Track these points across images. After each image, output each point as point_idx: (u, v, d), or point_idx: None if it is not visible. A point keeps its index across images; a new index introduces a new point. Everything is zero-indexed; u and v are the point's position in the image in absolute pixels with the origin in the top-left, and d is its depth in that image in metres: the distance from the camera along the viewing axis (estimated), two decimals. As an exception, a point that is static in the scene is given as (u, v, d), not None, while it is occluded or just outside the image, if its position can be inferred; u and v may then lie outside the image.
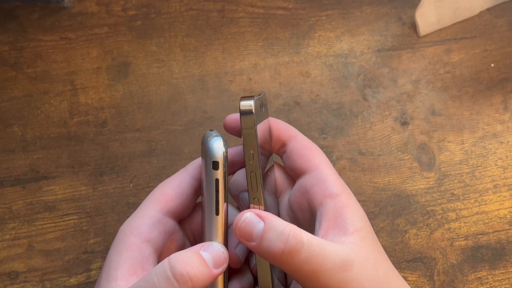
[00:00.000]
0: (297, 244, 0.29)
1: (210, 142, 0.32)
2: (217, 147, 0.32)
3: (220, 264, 0.30)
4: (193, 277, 0.28)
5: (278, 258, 0.29)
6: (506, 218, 0.48)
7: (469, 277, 0.46)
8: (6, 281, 0.44)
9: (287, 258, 0.29)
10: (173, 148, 0.49)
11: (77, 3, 0.53)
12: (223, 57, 0.52)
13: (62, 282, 0.44)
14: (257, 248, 0.29)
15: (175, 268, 0.28)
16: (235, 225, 0.30)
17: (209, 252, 0.30)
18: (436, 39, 0.54)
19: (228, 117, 0.36)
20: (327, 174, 0.34)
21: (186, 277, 0.27)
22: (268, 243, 0.29)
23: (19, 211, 0.46)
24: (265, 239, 0.29)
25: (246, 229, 0.30)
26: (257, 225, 0.30)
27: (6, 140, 0.48)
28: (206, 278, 0.29)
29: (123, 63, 0.51)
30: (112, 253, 0.33)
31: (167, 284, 0.27)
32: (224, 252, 0.30)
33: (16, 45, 0.51)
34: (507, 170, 0.50)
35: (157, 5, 0.53)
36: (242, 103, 0.32)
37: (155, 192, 0.35)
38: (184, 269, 0.28)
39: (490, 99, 0.52)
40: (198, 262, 0.29)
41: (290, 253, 0.29)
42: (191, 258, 0.29)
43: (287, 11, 0.54)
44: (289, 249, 0.29)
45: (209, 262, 0.29)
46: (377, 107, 0.51)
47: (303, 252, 0.29)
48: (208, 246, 0.30)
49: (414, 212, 0.48)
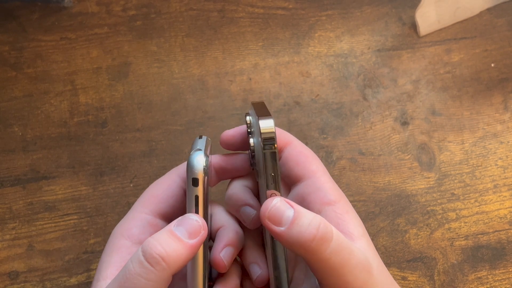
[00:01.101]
0: (327, 233, 0.28)
1: (191, 157, 0.31)
2: (197, 163, 0.30)
3: (196, 233, 0.29)
4: (165, 257, 0.28)
5: (308, 244, 0.28)
6: (506, 218, 0.48)
7: (469, 277, 0.46)
8: (6, 281, 0.44)
9: (318, 246, 0.28)
10: (173, 148, 0.49)
11: (77, 3, 0.53)
12: (223, 57, 0.52)
13: (62, 282, 0.44)
14: (286, 233, 0.28)
15: (146, 252, 0.28)
16: (264, 210, 0.29)
17: (182, 225, 0.29)
18: (436, 39, 0.54)
19: (224, 134, 0.35)
20: (324, 182, 0.34)
21: (157, 258, 0.28)
22: (299, 228, 0.28)
23: (19, 211, 0.46)
24: (296, 224, 0.28)
25: (276, 213, 0.29)
26: (287, 210, 0.29)
27: (6, 140, 0.48)
28: (182, 252, 0.28)
29: (123, 63, 0.51)
30: (104, 254, 0.33)
31: (142, 269, 0.28)
32: (199, 221, 0.29)
33: (16, 45, 0.51)
34: (507, 170, 0.50)
35: (157, 5, 0.53)
36: (262, 125, 0.29)
37: (145, 194, 0.35)
38: (154, 250, 0.28)
39: (490, 99, 0.52)
40: (169, 239, 0.29)
41: (322, 240, 0.28)
42: (162, 238, 0.29)
43: (287, 11, 0.54)
44: (321, 236, 0.28)
45: (183, 236, 0.29)
46: (377, 107, 0.51)
47: (333, 242, 0.28)
48: (182, 220, 0.30)
49: (414, 212, 0.48)
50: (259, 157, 0.31)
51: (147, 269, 0.28)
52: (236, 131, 0.35)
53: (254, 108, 0.33)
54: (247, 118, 0.34)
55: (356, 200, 0.48)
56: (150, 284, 0.28)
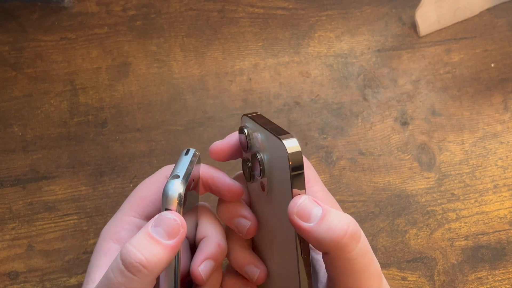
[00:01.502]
0: (357, 231, 0.28)
1: (166, 186, 0.30)
2: (172, 192, 0.29)
3: (175, 233, 0.29)
4: (146, 264, 0.27)
5: (338, 241, 0.27)
6: (506, 218, 0.48)
7: (469, 277, 0.46)
8: (6, 281, 0.44)
9: (348, 243, 0.27)
10: (173, 148, 0.49)
11: (77, 3, 0.53)
12: (223, 57, 0.52)
13: (62, 282, 0.44)
14: (315, 229, 0.28)
15: (126, 261, 0.27)
16: (292, 207, 0.29)
17: (160, 226, 0.29)
18: (436, 39, 0.54)
19: (214, 146, 0.35)
20: (316, 191, 0.34)
21: (138, 267, 0.27)
22: (329, 224, 0.28)
23: (19, 211, 0.46)
24: (326, 220, 0.28)
25: (305, 209, 0.28)
26: (315, 208, 0.28)
27: (6, 140, 0.48)
28: (162, 255, 0.28)
29: (123, 63, 0.51)
30: (93, 257, 0.33)
31: (124, 278, 0.27)
32: (177, 219, 0.29)
33: (16, 45, 0.51)
34: (507, 170, 0.50)
35: (157, 5, 0.53)
36: (287, 144, 0.28)
37: (134, 195, 0.35)
38: (134, 259, 0.27)
39: (490, 99, 0.52)
40: (148, 244, 0.28)
41: (352, 238, 0.27)
42: (140, 243, 0.28)
43: (287, 11, 0.54)
44: (351, 233, 0.27)
45: (161, 237, 0.28)
46: (377, 107, 0.51)
47: (360, 243, 0.28)
48: (159, 219, 0.29)
49: (414, 212, 0.48)
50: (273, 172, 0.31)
51: (129, 278, 0.27)
52: (227, 144, 0.35)
53: (255, 121, 0.32)
54: (245, 130, 0.33)
55: (356, 200, 0.48)
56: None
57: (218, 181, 0.34)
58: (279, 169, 0.30)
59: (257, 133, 0.32)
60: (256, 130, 0.32)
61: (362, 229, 0.48)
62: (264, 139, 0.31)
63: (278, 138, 0.29)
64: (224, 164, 0.48)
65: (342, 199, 0.48)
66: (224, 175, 0.34)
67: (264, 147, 0.31)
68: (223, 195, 0.34)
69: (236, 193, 0.34)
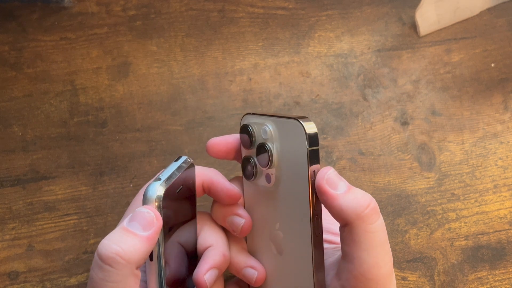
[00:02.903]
0: (377, 208, 0.30)
1: (146, 188, 0.31)
2: (151, 194, 0.30)
3: (150, 225, 0.29)
4: (122, 253, 0.28)
5: (361, 210, 0.29)
6: (506, 218, 0.48)
7: (469, 277, 0.46)
8: (6, 281, 0.44)
9: (370, 214, 0.29)
10: (173, 148, 0.49)
11: (77, 3, 0.53)
12: (223, 57, 0.52)
13: (62, 282, 0.44)
14: (342, 197, 0.30)
15: (102, 254, 0.28)
16: (322, 174, 0.30)
17: (135, 220, 0.29)
18: (436, 39, 0.54)
19: (210, 142, 0.36)
20: None
21: (114, 257, 0.27)
22: (355, 195, 0.30)
23: (19, 211, 0.46)
24: (352, 192, 0.30)
25: (333, 178, 0.30)
26: (343, 181, 0.31)
27: (6, 140, 0.48)
28: (139, 246, 0.28)
29: (123, 63, 0.51)
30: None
31: (103, 273, 0.27)
32: (150, 212, 0.30)
33: (16, 45, 0.51)
34: (507, 170, 0.50)
35: (157, 5, 0.53)
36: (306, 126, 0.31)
37: (133, 206, 0.36)
38: (110, 251, 0.28)
39: (490, 99, 0.52)
40: (124, 236, 0.29)
41: (373, 210, 0.30)
42: (116, 237, 0.28)
43: (287, 11, 0.54)
44: (373, 206, 0.30)
45: (137, 230, 0.29)
46: (377, 107, 0.51)
47: (380, 218, 0.30)
48: (133, 215, 0.30)
49: (414, 212, 0.48)
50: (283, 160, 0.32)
51: (108, 271, 0.27)
52: (223, 140, 0.36)
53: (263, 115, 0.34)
54: (250, 128, 0.34)
55: (356, 200, 0.48)
56: (116, 285, 0.27)
57: (218, 185, 0.34)
58: (292, 153, 0.32)
59: (264, 126, 0.33)
60: (264, 123, 0.33)
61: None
62: (274, 129, 0.33)
63: (297, 120, 0.31)
64: (224, 164, 0.48)
65: (342, 199, 0.48)
66: (223, 179, 0.35)
67: (274, 137, 0.33)
68: (221, 199, 0.35)
69: (234, 198, 0.34)
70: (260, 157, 0.33)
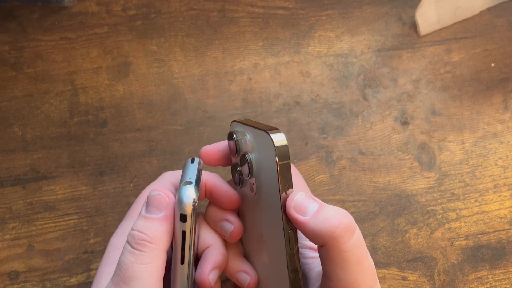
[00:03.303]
0: (352, 224, 0.29)
1: (180, 191, 0.31)
2: (187, 198, 0.31)
3: (164, 205, 0.31)
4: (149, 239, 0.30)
5: (332, 230, 0.28)
6: (507, 218, 0.48)
7: (469, 276, 0.46)
8: (6, 281, 0.44)
9: (342, 233, 0.29)
10: (173, 148, 0.49)
11: (77, 3, 0.53)
12: (223, 57, 0.52)
13: (62, 282, 0.44)
14: (312, 221, 0.29)
15: (131, 242, 0.30)
16: (289, 201, 0.30)
17: (150, 205, 0.31)
18: (436, 39, 0.54)
19: (203, 150, 0.36)
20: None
21: (143, 242, 0.30)
22: (325, 215, 0.29)
23: (19, 211, 0.46)
24: (322, 213, 0.29)
25: (302, 203, 0.30)
26: (312, 203, 0.30)
27: (6, 140, 0.48)
28: (161, 228, 0.30)
29: (123, 63, 0.51)
30: (103, 265, 0.34)
31: (134, 256, 0.29)
32: (161, 193, 0.31)
33: (16, 45, 0.51)
34: (507, 169, 0.50)
35: (157, 5, 0.53)
36: (274, 138, 0.30)
37: (139, 204, 0.36)
38: (138, 238, 0.30)
39: (490, 99, 0.52)
40: (145, 222, 0.31)
41: (347, 228, 0.29)
42: (139, 225, 0.31)
43: (287, 11, 0.54)
44: (346, 224, 0.29)
45: (154, 214, 0.31)
46: (377, 107, 0.51)
47: (356, 235, 0.29)
48: (147, 200, 0.32)
49: (415, 212, 0.48)
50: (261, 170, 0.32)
51: (139, 255, 0.30)
52: (215, 147, 0.36)
53: (245, 124, 0.33)
54: (235, 136, 0.34)
55: (356, 200, 0.48)
56: (146, 266, 0.29)
57: (221, 190, 0.35)
58: (267, 164, 0.31)
59: (245, 135, 0.33)
60: (245, 132, 0.33)
61: (362, 229, 0.48)
62: (252, 139, 0.32)
63: (266, 132, 0.30)
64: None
65: (342, 199, 0.48)
66: (226, 184, 0.35)
67: (252, 147, 0.32)
68: (222, 203, 0.35)
69: (235, 203, 0.35)
70: (242, 167, 0.33)
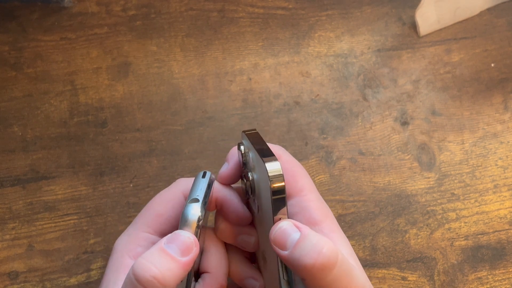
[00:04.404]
0: (330, 258, 0.27)
1: (186, 209, 0.30)
2: (192, 216, 0.30)
3: (189, 250, 0.28)
4: (161, 278, 0.27)
5: (308, 269, 0.27)
6: (506, 218, 0.48)
7: (469, 277, 0.46)
8: (6, 281, 0.44)
9: (318, 271, 0.27)
10: (173, 148, 0.49)
11: (77, 3, 0.53)
12: (223, 57, 0.52)
13: (62, 282, 0.44)
14: (289, 256, 0.28)
15: (139, 276, 0.27)
16: (271, 232, 0.29)
17: (174, 243, 0.29)
18: (436, 39, 0.54)
19: (221, 175, 0.34)
20: (309, 200, 0.33)
21: (152, 281, 0.27)
22: (301, 251, 0.27)
23: (19, 211, 0.46)
24: (299, 247, 0.27)
25: (281, 236, 0.28)
26: (293, 234, 0.28)
27: (6, 140, 0.48)
28: (176, 271, 0.28)
29: (123, 63, 0.51)
30: (109, 271, 0.33)
31: None
32: (191, 238, 0.29)
33: (16, 45, 0.51)
34: (507, 170, 0.50)
35: (157, 5, 0.53)
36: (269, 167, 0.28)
37: (149, 211, 0.35)
38: (149, 273, 0.27)
39: (490, 99, 0.52)
40: (162, 259, 0.28)
41: (323, 266, 0.27)
42: (154, 258, 0.28)
43: (287, 11, 0.54)
44: (322, 261, 0.27)
45: (175, 253, 0.28)
46: (377, 107, 0.51)
47: (336, 269, 0.27)
48: (173, 237, 0.29)
49: (414, 212, 0.48)
50: (261, 192, 0.31)
51: None
52: (231, 169, 0.34)
53: (249, 140, 0.32)
54: (242, 148, 0.33)
55: (356, 200, 0.48)
56: None
57: (231, 205, 0.34)
58: (264, 190, 0.30)
59: (250, 152, 0.32)
60: (249, 149, 0.32)
61: (362, 229, 0.48)
62: (254, 159, 0.31)
63: (262, 160, 0.29)
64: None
65: (342, 199, 0.48)
66: (237, 199, 0.34)
67: (254, 167, 0.32)
68: (231, 219, 0.34)
69: (244, 221, 0.34)
70: (246, 183, 0.33)
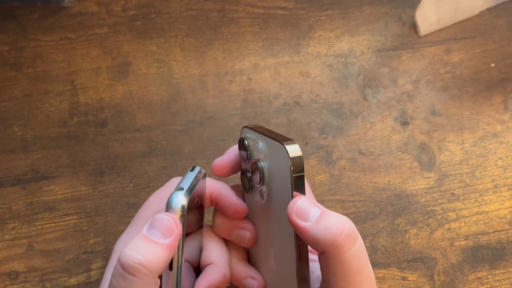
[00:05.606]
0: (353, 232, 0.28)
1: (170, 197, 0.31)
2: (175, 204, 0.30)
3: (170, 232, 0.29)
4: (145, 263, 0.27)
5: (334, 239, 0.28)
6: (506, 218, 0.48)
7: (469, 277, 0.46)
8: (6, 281, 0.44)
9: (343, 242, 0.28)
10: (173, 148, 0.49)
11: (77, 3, 0.53)
12: (223, 57, 0.52)
13: (62, 282, 0.44)
14: (313, 227, 0.28)
15: (124, 264, 0.27)
16: (291, 206, 0.29)
17: (155, 227, 0.29)
18: (436, 39, 0.54)
19: (215, 164, 0.35)
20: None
21: (137, 267, 0.27)
22: (326, 223, 0.28)
23: (19, 211, 0.46)
24: (324, 220, 0.28)
25: (303, 209, 0.29)
26: (314, 209, 0.29)
27: (6, 140, 0.48)
28: (160, 255, 0.28)
29: (123, 63, 0.51)
30: (108, 272, 0.33)
31: (125, 282, 0.27)
32: (169, 219, 0.29)
33: (16, 45, 0.51)
34: (507, 170, 0.50)
35: (157, 5, 0.53)
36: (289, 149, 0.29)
37: (146, 210, 0.35)
38: (133, 260, 0.27)
39: (490, 99, 0.52)
40: (145, 245, 0.28)
41: (348, 237, 0.28)
42: (137, 245, 0.28)
43: (287, 11, 0.54)
44: (348, 233, 0.28)
45: (157, 237, 0.29)
46: (377, 107, 0.51)
47: (357, 244, 0.28)
48: (153, 222, 0.29)
49: (414, 212, 0.48)
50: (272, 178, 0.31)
51: (131, 281, 0.27)
52: (227, 159, 0.35)
53: (257, 131, 0.33)
54: (246, 142, 0.34)
55: (356, 200, 0.48)
56: None
57: (226, 200, 0.34)
58: (280, 174, 0.31)
59: (258, 143, 0.33)
60: (257, 140, 0.33)
61: (362, 229, 0.48)
62: (265, 147, 0.32)
63: (281, 143, 0.30)
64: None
65: (342, 199, 0.48)
66: (232, 193, 0.35)
67: (265, 155, 0.32)
68: (228, 213, 0.34)
69: (241, 213, 0.34)
70: (253, 174, 0.33)
